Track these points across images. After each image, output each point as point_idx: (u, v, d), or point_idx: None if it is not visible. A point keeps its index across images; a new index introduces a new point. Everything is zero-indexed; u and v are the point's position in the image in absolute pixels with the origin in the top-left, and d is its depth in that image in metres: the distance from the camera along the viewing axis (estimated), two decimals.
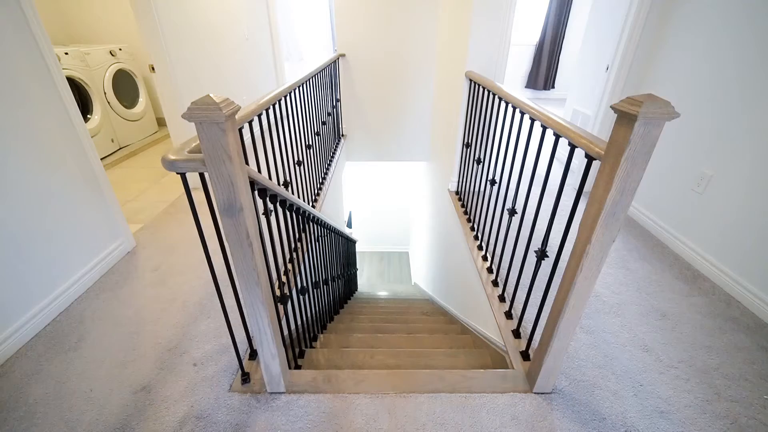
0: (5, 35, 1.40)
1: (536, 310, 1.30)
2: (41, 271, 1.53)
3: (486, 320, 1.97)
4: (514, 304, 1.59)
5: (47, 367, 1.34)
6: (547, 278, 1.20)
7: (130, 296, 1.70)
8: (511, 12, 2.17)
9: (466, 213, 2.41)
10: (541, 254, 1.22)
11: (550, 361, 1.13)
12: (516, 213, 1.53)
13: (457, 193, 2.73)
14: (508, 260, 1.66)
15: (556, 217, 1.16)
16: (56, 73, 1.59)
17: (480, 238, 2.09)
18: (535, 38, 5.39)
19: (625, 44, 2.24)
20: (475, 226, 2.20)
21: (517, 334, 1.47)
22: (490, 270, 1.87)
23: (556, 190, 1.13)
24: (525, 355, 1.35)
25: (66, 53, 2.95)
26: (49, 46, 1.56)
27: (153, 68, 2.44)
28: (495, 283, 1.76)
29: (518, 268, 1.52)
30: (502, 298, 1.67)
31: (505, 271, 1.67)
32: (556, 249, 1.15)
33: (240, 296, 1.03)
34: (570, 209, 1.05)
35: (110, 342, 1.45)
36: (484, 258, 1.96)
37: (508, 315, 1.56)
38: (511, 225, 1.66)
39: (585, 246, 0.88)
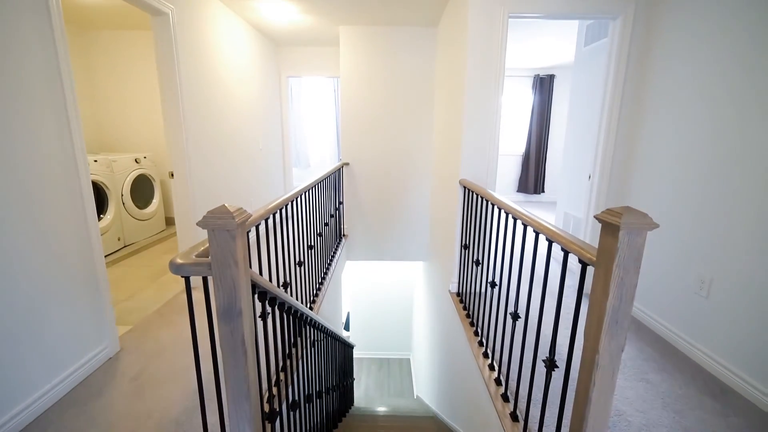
0: (49, 141, 1.56)
1: None
2: (8, 381, 1.40)
3: None
4: (529, 424, 1.42)
5: None
6: (560, 391, 1.11)
7: (101, 412, 1.53)
8: (497, 127, 2.47)
9: (468, 316, 2.33)
10: (550, 364, 1.15)
11: None
12: (519, 317, 1.49)
13: (458, 294, 2.69)
14: (517, 369, 1.54)
15: (560, 320, 1.13)
16: (84, 179, 1.73)
17: (485, 345, 1.98)
18: (522, 148, 5.99)
19: (602, 156, 2.49)
20: (479, 331, 2.11)
21: None
22: (498, 381, 1.72)
23: (557, 290, 1.13)
24: None
25: (95, 161, 3.24)
26: (83, 154, 1.72)
27: (172, 175, 2.66)
28: (505, 398, 1.61)
29: (528, 379, 1.41)
30: (514, 417, 1.50)
31: (515, 383, 1.54)
32: (565, 355, 1.09)
33: (225, 412, 0.93)
34: (573, 312, 1.03)
35: None
36: (491, 367, 1.82)
37: None
38: (517, 329, 1.59)
39: (593, 355, 0.84)
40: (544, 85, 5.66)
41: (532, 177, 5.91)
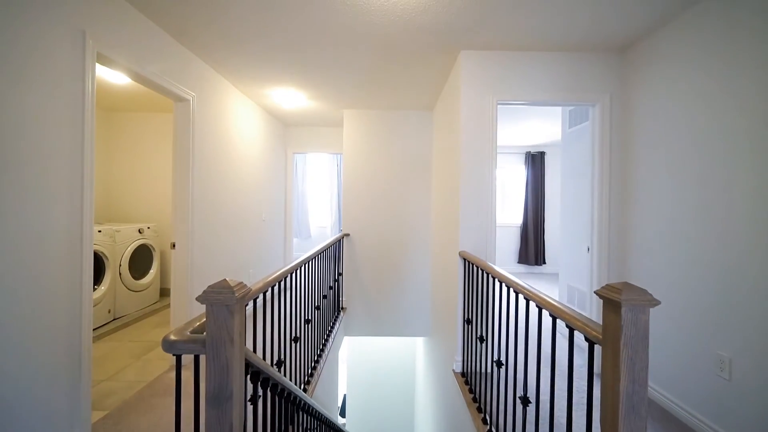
0: (58, 215, 1.60)
1: None
2: None
3: None
4: None
5: None
6: None
7: None
8: (493, 200, 2.56)
9: (475, 401, 2.15)
10: None
11: None
12: (530, 402, 1.38)
13: (462, 374, 2.51)
14: None
15: (574, 403, 1.04)
16: (87, 251, 1.74)
17: None
18: (519, 219, 6.12)
19: (598, 229, 2.54)
20: (488, 419, 1.93)
21: None
22: None
23: (566, 367, 1.06)
24: None
25: (99, 231, 3.28)
26: (90, 227, 1.76)
27: (174, 245, 2.68)
28: None
29: None
30: None
31: None
32: None
33: None
34: (586, 395, 0.95)
35: None
36: None
37: None
38: (529, 414, 1.46)
39: None
40: (535, 161, 6.00)
41: (532, 248, 5.93)
